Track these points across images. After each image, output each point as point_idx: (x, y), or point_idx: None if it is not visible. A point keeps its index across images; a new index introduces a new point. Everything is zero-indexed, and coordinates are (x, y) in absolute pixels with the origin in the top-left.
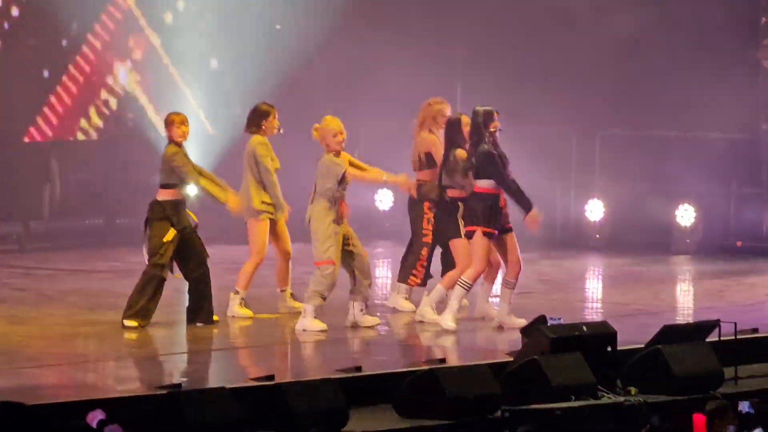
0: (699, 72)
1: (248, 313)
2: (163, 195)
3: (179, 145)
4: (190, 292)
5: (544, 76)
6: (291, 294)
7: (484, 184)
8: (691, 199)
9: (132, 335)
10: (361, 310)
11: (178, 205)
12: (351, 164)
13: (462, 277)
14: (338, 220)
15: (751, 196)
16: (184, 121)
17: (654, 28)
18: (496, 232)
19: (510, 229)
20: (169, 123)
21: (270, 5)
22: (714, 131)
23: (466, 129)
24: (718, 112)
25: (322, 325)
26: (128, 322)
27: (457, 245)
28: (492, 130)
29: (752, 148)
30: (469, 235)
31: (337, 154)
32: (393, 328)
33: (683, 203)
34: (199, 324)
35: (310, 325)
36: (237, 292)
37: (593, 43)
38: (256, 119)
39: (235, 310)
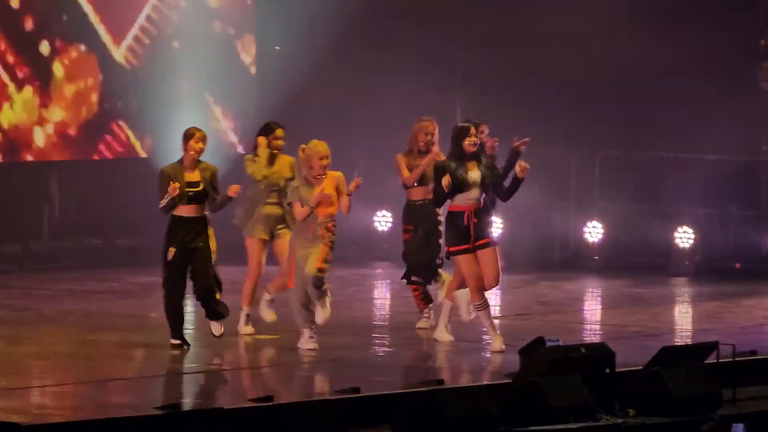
0: (698, 94)
1: (249, 330)
2: (178, 210)
3: (182, 161)
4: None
5: (544, 98)
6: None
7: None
8: (690, 220)
9: (135, 355)
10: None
11: (185, 221)
12: (338, 190)
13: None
14: (301, 235)
15: (750, 218)
16: (203, 138)
17: (654, 50)
18: (462, 247)
19: (485, 245)
20: (188, 136)
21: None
22: (713, 153)
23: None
24: (718, 134)
25: (310, 345)
26: (172, 341)
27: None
28: (465, 144)
29: (751, 170)
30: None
31: (319, 179)
32: (391, 348)
33: (682, 225)
34: (209, 320)
35: (301, 339)
36: (242, 309)
37: (593, 64)
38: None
39: (239, 326)
